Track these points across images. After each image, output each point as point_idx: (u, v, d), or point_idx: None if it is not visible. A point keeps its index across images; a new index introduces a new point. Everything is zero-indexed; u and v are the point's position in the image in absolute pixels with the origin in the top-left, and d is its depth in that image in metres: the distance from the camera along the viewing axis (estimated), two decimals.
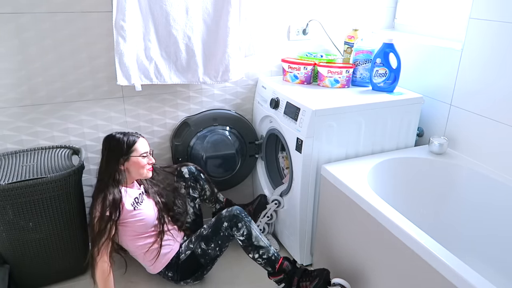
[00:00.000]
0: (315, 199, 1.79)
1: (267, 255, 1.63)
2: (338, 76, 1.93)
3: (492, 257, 1.63)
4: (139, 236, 1.66)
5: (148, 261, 1.70)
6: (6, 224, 1.59)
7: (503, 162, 1.64)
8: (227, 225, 1.64)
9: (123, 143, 1.58)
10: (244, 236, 1.62)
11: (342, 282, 1.55)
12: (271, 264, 1.63)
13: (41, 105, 1.77)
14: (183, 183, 1.87)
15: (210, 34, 1.84)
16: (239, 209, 1.66)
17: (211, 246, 1.67)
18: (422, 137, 2.00)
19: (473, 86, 1.73)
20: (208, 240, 1.67)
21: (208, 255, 1.69)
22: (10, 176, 1.58)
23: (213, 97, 2.07)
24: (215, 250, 1.68)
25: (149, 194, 1.75)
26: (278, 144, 2.12)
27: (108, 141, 1.61)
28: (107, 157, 1.60)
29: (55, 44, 1.70)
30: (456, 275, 1.09)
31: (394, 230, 1.31)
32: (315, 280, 1.57)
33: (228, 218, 1.64)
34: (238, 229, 1.62)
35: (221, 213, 1.68)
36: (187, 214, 1.87)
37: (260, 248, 1.63)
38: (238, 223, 1.62)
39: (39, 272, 1.74)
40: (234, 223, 1.63)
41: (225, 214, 1.66)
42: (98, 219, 1.52)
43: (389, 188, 1.72)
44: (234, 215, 1.64)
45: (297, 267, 1.67)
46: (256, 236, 1.63)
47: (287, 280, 1.63)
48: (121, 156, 1.58)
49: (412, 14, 2.18)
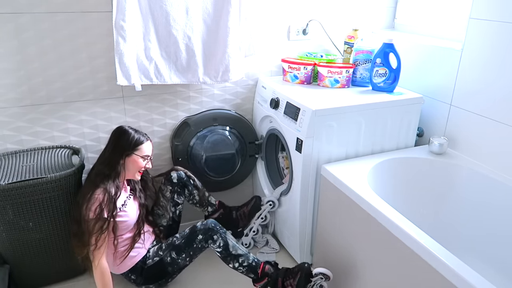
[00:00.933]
0: (315, 199, 1.79)
1: (247, 262, 1.63)
2: (338, 76, 1.93)
3: (492, 257, 1.63)
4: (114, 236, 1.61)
5: (114, 261, 1.66)
6: (6, 224, 1.59)
7: (503, 162, 1.64)
8: (201, 238, 1.63)
9: (133, 138, 1.60)
10: (221, 247, 1.62)
11: (323, 270, 1.57)
12: (253, 270, 1.63)
13: (41, 105, 1.77)
14: (170, 187, 1.85)
15: (210, 34, 1.84)
16: (213, 222, 1.67)
17: (182, 256, 1.66)
18: (422, 137, 2.00)
19: (473, 86, 1.73)
20: (180, 250, 1.66)
21: (177, 264, 1.67)
22: (10, 176, 1.58)
23: (213, 97, 2.07)
24: (185, 260, 1.67)
25: (135, 195, 1.74)
26: (278, 144, 2.12)
27: (120, 132, 1.62)
28: (113, 147, 1.61)
29: (55, 44, 1.70)
30: (456, 275, 1.09)
31: (394, 230, 1.31)
32: (298, 275, 1.58)
33: (203, 231, 1.64)
34: (214, 241, 1.62)
35: (195, 226, 1.67)
36: (164, 218, 1.85)
37: (239, 257, 1.63)
38: (214, 235, 1.63)
39: (39, 272, 1.74)
40: (209, 236, 1.63)
41: (200, 227, 1.65)
42: (95, 220, 1.49)
43: (389, 188, 1.72)
44: (209, 228, 1.63)
45: (279, 269, 1.67)
46: (233, 245, 1.63)
47: (272, 283, 1.62)
48: (125, 150, 1.60)
49: (412, 14, 2.18)
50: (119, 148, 1.60)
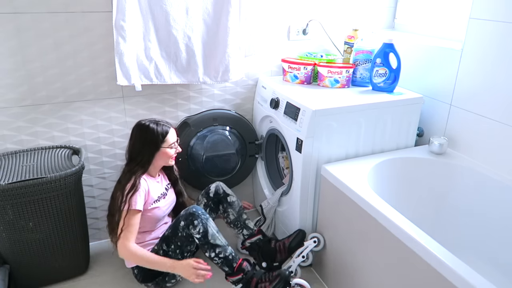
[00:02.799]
0: (315, 199, 1.79)
1: (224, 254, 1.59)
2: (338, 76, 1.93)
3: (492, 256, 1.63)
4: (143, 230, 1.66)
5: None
6: (6, 224, 1.59)
7: (503, 162, 1.64)
8: (184, 224, 1.59)
9: (157, 133, 1.63)
10: (200, 234, 1.58)
11: (302, 282, 1.54)
12: (228, 263, 1.60)
13: (41, 105, 1.77)
14: (205, 200, 1.85)
15: (210, 34, 1.84)
16: (196, 207, 1.63)
17: (171, 248, 1.62)
18: (422, 137, 2.00)
19: (473, 86, 1.73)
20: (169, 241, 1.63)
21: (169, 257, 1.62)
22: (10, 176, 1.58)
23: (213, 97, 2.07)
24: (176, 253, 1.63)
25: (174, 185, 1.81)
26: (278, 144, 2.12)
27: (143, 131, 1.64)
28: (142, 144, 1.64)
29: (55, 44, 1.70)
30: (456, 274, 1.09)
31: (394, 230, 1.31)
32: (275, 280, 1.55)
33: (184, 216, 1.60)
34: (194, 226, 1.58)
35: (179, 215, 1.64)
36: None
37: (216, 247, 1.59)
38: (194, 220, 1.58)
39: (39, 272, 1.74)
40: (190, 221, 1.58)
41: (183, 213, 1.62)
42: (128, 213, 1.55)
43: (389, 188, 1.72)
44: (190, 213, 1.59)
45: (256, 269, 1.64)
46: (212, 234, 1.59)
47: (245, 281, 1.60)
48: (153, 146, 1.64)
49: (412, 14, 2.18)
50: (147, 145, 1.63)
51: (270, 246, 1.80)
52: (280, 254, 1.77)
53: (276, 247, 1.79)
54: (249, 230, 1.85)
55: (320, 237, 1.75)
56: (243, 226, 1.85)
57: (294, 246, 1.75)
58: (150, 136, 1.63)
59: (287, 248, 1.76)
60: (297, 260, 1.72)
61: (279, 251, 1.77)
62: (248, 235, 1.84)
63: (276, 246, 1.79)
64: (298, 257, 1.73)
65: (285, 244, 1.77)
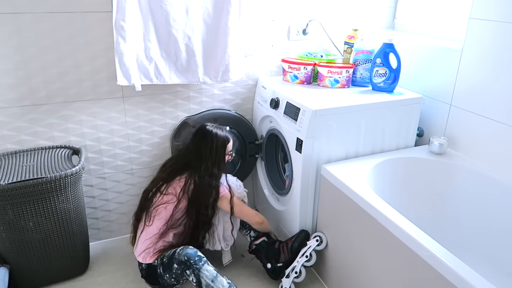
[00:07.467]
0: (315, 199, 1.79)
1: None
2: (338, 76, 1.93)
3: (492, 256, 1.63)
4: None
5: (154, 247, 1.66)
6: (6, 224, 1.59)
7: (503, 162, 1.64)
8: (177, 267, 1.56)
9: (223, 138, 1.74)
10: (195, 283, 1.53)
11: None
12: None
13: (41, 105, 1.77)
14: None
15: (210, 34, 1.84)
16: (188, 254, 1.54)
17: (167, 276, 1.60)
18: (422, 137, 2.00)
19: (473, 86, 1.73)
20: (165, 268, 1.60)
21: (165, 281, 1.62)
22: (10, 176, 1.58)
23: (213, 97, 2.07)
24: (171, 280, 1.61)
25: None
26: (278, 144, 2.12)
27: (214, 138, 1.72)
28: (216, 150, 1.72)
29: (55, 44, 1.70)
30: (456, 274, 1.09)
31: (394, 230, 1.31)
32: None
33: (177, 261, 1.55)
34: (188, 275, 1.54)
35: (175, 251, 1.58)
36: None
37: None
38: (186, 270, 1.53)
39: (39, 272, 1.74)
40: (182, 268, 1.54)
41: (176, 256, 1.56)
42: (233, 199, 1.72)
43: (389, 188, 1.72)
44: (182, 261, 1.54)
45: None
46: (206, 284, 1.51)
47: None
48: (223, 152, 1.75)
49: (412, 14, 2.18)
50: (217, 150, 1.72)
51: (274, 247, 1.81)
52: (284, 254, 1.78)
53: (279, 248, 1.80)
54: (256, 232, 1.87)
55: (323, 236, 1.75)
56: (250, 227, 1.88)
57: (296, 246, 1.75)
58: (222, 143, 1.74)
59: (290, 249, 1.76)
60: (301, 260, 1.72)
61: (282, 252, 1.78)
62: (254, 237, 1.87)
63: (279, 247, 1.80)
64: (302, 257, 1.73)
65: (288, 244, 1.78)
